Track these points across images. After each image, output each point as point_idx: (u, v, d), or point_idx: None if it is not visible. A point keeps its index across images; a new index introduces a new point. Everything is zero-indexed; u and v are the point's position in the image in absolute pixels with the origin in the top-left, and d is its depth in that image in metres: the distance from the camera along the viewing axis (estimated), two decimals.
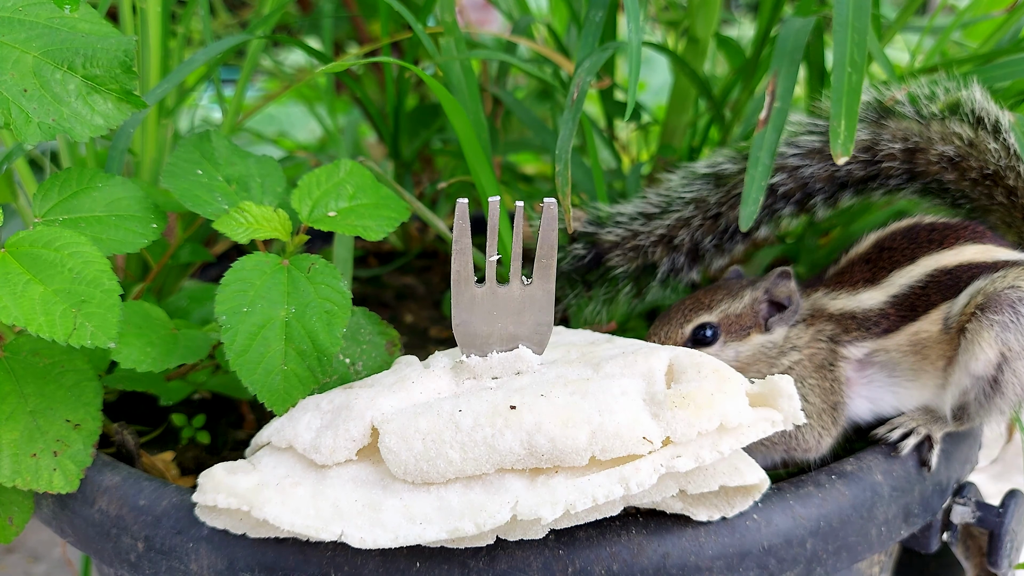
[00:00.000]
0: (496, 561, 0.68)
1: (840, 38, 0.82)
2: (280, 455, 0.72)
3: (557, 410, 0.67)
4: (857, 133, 0.90)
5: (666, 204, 0.98)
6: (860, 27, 0.82)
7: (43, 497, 0.81)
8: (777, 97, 0.88)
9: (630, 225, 0.98)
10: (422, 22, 1.12)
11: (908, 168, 0.93)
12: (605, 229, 0.98)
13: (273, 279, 0.79)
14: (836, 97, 0.80)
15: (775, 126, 0.87)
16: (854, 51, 0.81)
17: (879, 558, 0.88)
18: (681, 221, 0.97)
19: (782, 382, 0.70)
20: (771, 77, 0.90)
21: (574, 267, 0.99)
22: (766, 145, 0.86)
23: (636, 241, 0.97)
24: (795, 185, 0.95)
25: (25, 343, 0.80)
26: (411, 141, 1.40)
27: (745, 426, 0.67)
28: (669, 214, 0.97)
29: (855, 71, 0.81)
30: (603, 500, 0.63)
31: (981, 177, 0.90)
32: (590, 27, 0.98)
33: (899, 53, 1.43)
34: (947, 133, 0.90)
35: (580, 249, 0.98)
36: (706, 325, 0.86)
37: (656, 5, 1.50)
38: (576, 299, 1.01)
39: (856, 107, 0.80)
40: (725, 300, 0.87)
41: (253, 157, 0.93)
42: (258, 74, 2.04)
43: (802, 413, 0.69)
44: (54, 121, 0.74)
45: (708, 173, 0.97)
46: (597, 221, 0.99)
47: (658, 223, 0.97)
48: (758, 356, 0.86)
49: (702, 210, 0.96)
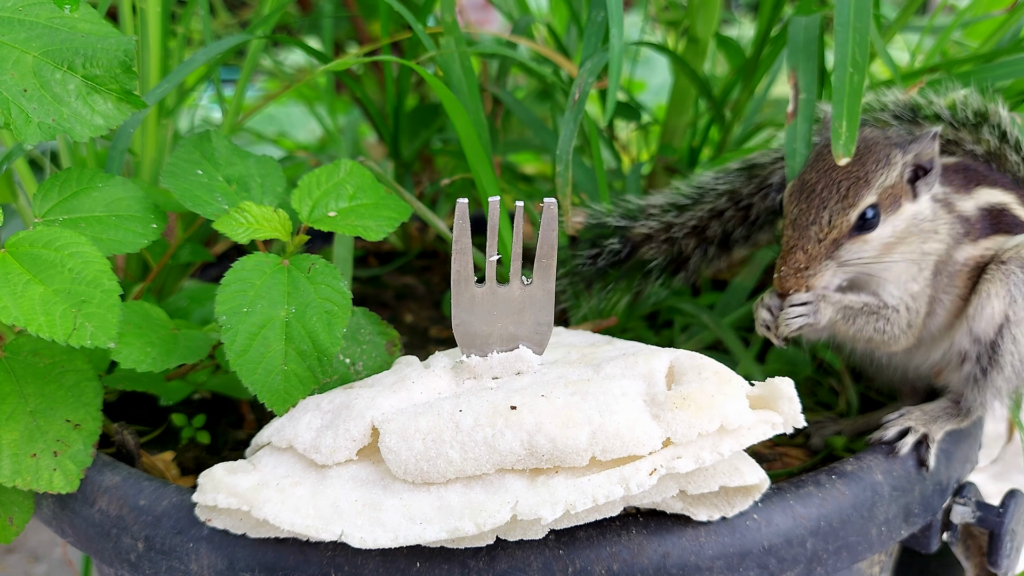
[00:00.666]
0: (496, 561, 0.68)
1: (842, 38, 0.82)
2: (280, 455, 0.72)
3: (558, 410, 0.67)
4: (892, 128, 0.91)
5: (698, 195, 0.98)
6: (861, 27, 0.82)
7: (43, 497, 0.81)
8: (801, 89, 0.89)
9: (663, 217, 0.98)
10: (422, 22, 1.12)
11: None
12: (638, 222, 0.98)
13: (273, 279, 0.79)
14: (838, 98, 0.80)
15: (805, 116, 0.87)
16: (856, 51, 0.81)
17: (879, 558, 0.88)
18: (714, 212, 0.97)
19: (783, 384, 0.70)
20: (791, 72, 0.90)
21: (610, 262, 0.99)
22: (799, 135, 0.87)
23: (670, 233, 0.98)
24: None
25: (25, 343, 0.80)
26: (411, 141, 1.40)
27: (745, 428, 0.67)
28: (702, 205, 0.98)
29: (857, 71, 0.81)
30: (603, 501, 0.63)
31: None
32: (592, 28, 0.98)
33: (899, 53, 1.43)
34: (980, 139, 0.91)
35: (616, 244, 0.98)
36: (871, 206, 0.79)
37: (656, 5, 1.50)
38: (605, 295, 1.01)
39: (858, 108, 0.80)
40: (880, 170, 0.80)
41: (253, 157, 0.93)
42: (258, 74, 2.04)
43: (802, 417, 0.69)
44: (54, 121, 0.74)
45: (740, 168, 0.98)
46: (629, 215, 0.99)
47: (691, 214, 0.98)
48: (911, 230, 0.81)
49: (734, 201, 0.97)
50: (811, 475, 0.79)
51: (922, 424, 0.85)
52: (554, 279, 0.74)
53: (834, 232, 0.79)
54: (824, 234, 0.79)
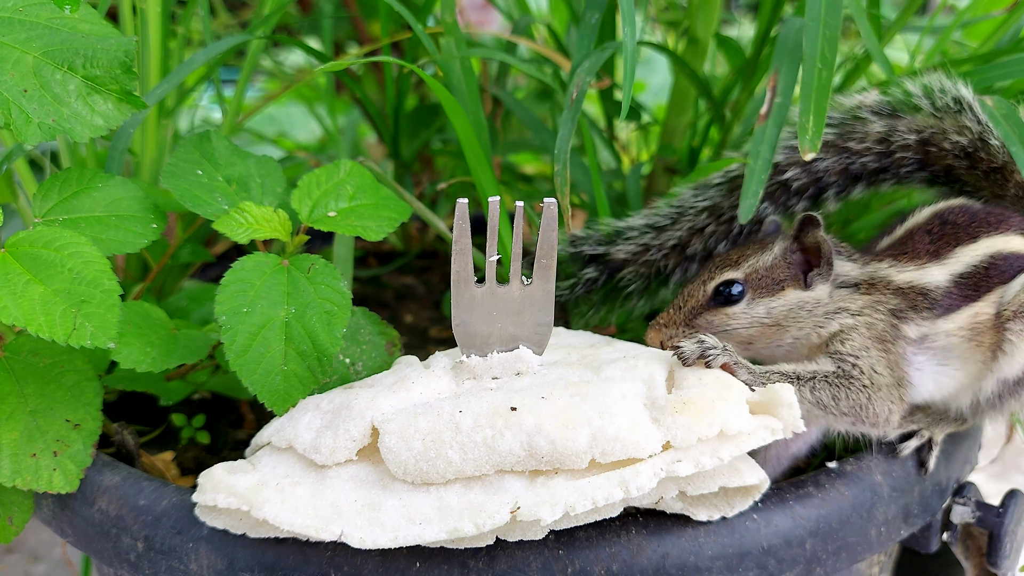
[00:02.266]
0: (496, 561, 0.68)
1: (812, 33, 0.82)
2: (280, 455, 0.72)
3: (557, 412, 0.67)
4: (872, 125, 0.90)
5: (677, 215, 0.96)
6: (832, 23, 0.81)
7: (43, 497, 0.81)
8: (778, 93, 0.88)
9: (640, 239, 0.96)
10: (422, 22, 1.12)
11: (920, 159, 0.92)
12: (615, 247, 0.97)
13: (273, 279, 0.79)
14: (805, 93, 0.80)
15: (776, 121, 0.87)
16: (825, 47, 0.81)
17: (879, 558, 0.88)
18: (694, 231, 0.96)
19: (783, 391, 0.70)
20: (772, 74, 0.90)
21: (588, 290, 0.98)
22: (767, 139, 0.86)
23: (648, 256, 0.96)
24: (809, 180, 0.94)
25: (25, 343, 0.80)
26: (411, 141, 1.40)
27: (745, 433, 0.67)
28: (681, 224, 0.96)
29: (825, 67, 0.80)
30: (603, 503, 0.64)
31: (990, 170, 0.90)
32: (586, 29, 0.98)
33: (899, 53, 1.43)
34: (960, 126, 0.89)
35: (592, 273, 0.97)
36: (731, 282, 0.81)
37: (656, 5, 1.50)
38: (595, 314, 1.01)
39: (825, 103, 0.80)
40: (753, 254, 0.83)
41: (253, 157, 0.93)
42: (258, 74, 2.04)
43: (802, 422, 0.69)
44: (54, 121, 0.74)
45: (721, 182, 0.96)
46: (606, 239, 0.97)
47: (670, 235, 0.96)
48: (798, 314, 0.82)
49: (715, 216, 0.95)
50: (811, 475, 0.79)
51: (926, 426, 0.85)
52: (554, 279, 0.74)
53: (691, 301, 0.83)
54: (684, 303, 0.83)
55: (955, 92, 0.89)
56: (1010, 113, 0.86)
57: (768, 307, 0.82)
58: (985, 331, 0.82)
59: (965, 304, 0.82)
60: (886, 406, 0.79)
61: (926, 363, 0.83)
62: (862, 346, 0.80)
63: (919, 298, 0.82)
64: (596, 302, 1.00)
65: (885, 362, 0.80)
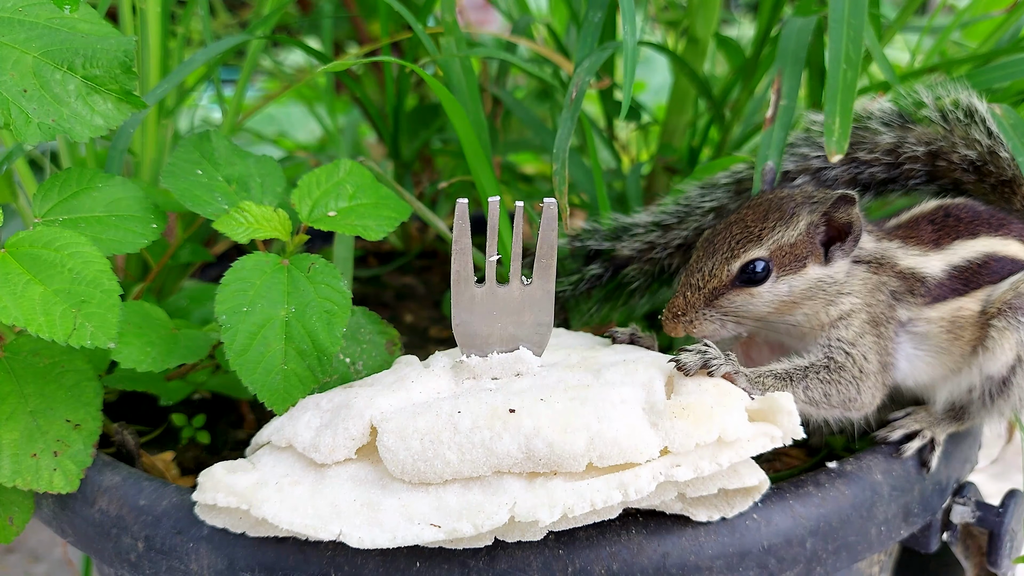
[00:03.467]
0: (496, 561, 0.69)
1: (836, 35, 0.82)
2: (280, 454, 0.72)
3: (556, 415, 0.67)
4: (882, 136, 0.90)
5: (684, 214, 0.96)
6: (856, 24, 0.81)
7: (43, 497, 0.81)
8: (783, 95, 0.88)
9: (646, 237, 0.96)
10: (422, 22, 1.12)
11: (928, 171, 0.92)
12: (621, 243, 0.97)
13: (273, 279, 0.80)
14: (831, 94, 0.80)
15: (782, 123, 0.87)
16: (849, 48, 0.81)
17: (879, 558, 0.88)
18: (701, 231, 0.94)
19: (782, 399, 0.70)
20: (776, 76, 0.90)
21: (592, 286, 0.98)
22: (774, 143, 0.86)
23: (653, 254, 0.96)
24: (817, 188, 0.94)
25: (25, 343, 0.81)
26: (411, 141, 1.40)
27: (744, 440, 0.67)
28: (687, 224, 0.95)
29: (850, 68, 0.80)
30: (601, 505, 0.64)
31: (998, 183, 0.90)
32: (588, 27, 0.98)
33: (899, 53, 1.43)
34: (970, 139, 0.89)
35: (597, 269, 0.97)
36: (757, 260, 0.78)
37: (656, 5, 1.50)
38: (588, 316, 1.00)
39: (851, 104, 0.79)
40: (778, 227, 0.78)
41: (253, 157, 0.93)
42: (258, 74, 2.04)
43: (801, 429, 0.69)
44: (54, 121, 0.75)
45: (728, 183, 0.95)
46: (611, 235, 0.97)
47: (676, 234, 0.96)
48: (815, 292, 0.79)
49: (722, 217, 0.94)
50: (811, 475, 0.79)
51: (928, 426, 0.85)
52: (554, 279, 0.74)
53: (713, 281, 0.79)
54: (704, 283, 0.79)
55: (967, 103, 0.88)
56: (1019, 123, 0.86)
57: (791, 285, 0.79)
58: (966, 326, 0.82)
59: (952, 297, 0.82)
60: (871, 393, 0.80)
61: (905, 344, 0.83)
62: (860, 332, 0.79)
63: (917, 284, 0.82)
64: (598, 300, 1.00)
65: (876, 348, 0.80)
